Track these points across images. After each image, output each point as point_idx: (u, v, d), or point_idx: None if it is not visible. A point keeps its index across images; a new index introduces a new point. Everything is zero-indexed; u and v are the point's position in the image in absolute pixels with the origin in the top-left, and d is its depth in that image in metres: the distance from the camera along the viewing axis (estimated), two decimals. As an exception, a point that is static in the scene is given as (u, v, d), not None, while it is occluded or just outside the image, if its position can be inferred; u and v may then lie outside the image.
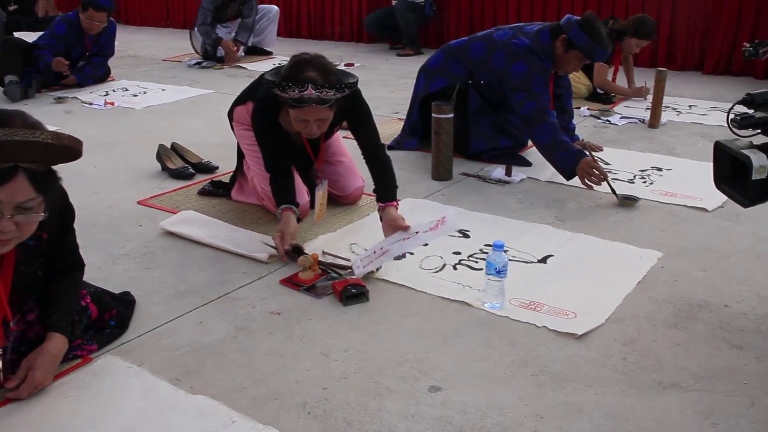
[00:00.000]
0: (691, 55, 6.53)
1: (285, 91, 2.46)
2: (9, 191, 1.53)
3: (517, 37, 3.56)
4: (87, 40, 5.56)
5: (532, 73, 3.46)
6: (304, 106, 2.49)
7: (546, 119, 3.41)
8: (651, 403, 1.80)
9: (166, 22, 9.84)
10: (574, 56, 3.48)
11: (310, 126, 2.58)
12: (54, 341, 1.85)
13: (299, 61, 2.53)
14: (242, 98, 3.04)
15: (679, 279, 2.46)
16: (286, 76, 2.49)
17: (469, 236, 2.81)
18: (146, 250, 2.71)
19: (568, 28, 3.43)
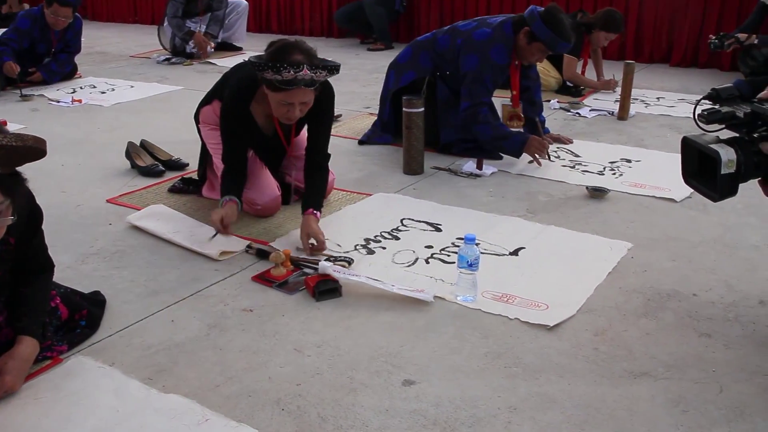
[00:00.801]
0: (659, 48, 6.60)
1: (279, 72, 2.44)
2: None
3: (479, 28, 3.61)
4: (52, 36, 5.48)
5: (481, 70, 3.54)
6: (292, 89, 2.49)
7: (479, 119, 3.55)
8: (622, 391, 1.83)
9: (134, 18, 9.72)
10: (537, 48, 3.54)
11: (294, 110, 2.58)
12: (25, 345, 1.83)
13: (284, 45, 2.54)
14: (208, 98, 3.04)
15: (649, 269, 2.49)
16: (277, 58, 2.47)
17: (441, 230, 2.82)
18: (116, 248, 2.68)
19: (531, 20, 3.48)
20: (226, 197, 2.68)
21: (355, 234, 2.77)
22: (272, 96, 2.58)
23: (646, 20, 6.58)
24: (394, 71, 3.91)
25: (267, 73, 2.47)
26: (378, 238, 2.74)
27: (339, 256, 2.55)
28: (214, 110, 2.95)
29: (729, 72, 6.05)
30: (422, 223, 2.88)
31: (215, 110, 2.94)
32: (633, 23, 6.58)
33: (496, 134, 3.56)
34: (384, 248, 2.64)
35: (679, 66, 6.42)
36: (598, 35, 5.02)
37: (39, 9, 5.38)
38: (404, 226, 2.86)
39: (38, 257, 1.98)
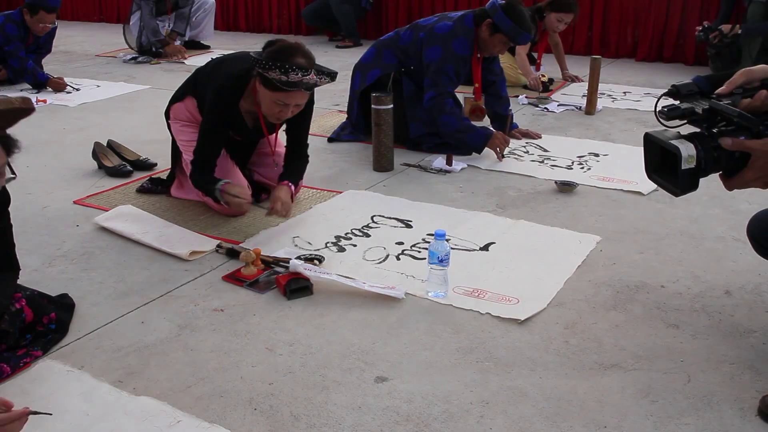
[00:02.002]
0: (624, 43, 6.68)
1: (286, 74, 2.47)
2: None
3: (441, 21, 3.66)
4: (29, 38, 5.41)
5: (444, 61, 3.57)
6: (292, 90, 2.54)
7: (446, 110, 3.58)
8: (592, 383, 1.85)
9: (99, 16, 9.60)
10: (499, 39, 3.59)
11: (287, 110, 2.64)
12: None
13: (288, 47, 2.57)
14: (180, 95, 3.02)
15: (618, 262, 2.52)
16: (283, 59, 2.49)
17: (412, 226, 2.82)
18: (84, 250, 2.65)
19: (493, 12, 3.54)
20: (219, 184, 2.72)
21: (326, 231, 2.76)
22: (268, 94, 2.60)
23: (612, 16, 6.65)
24: (359, 72, 3.91)
25: (272, 72, 2.49)
26: (349, 235, 2.74)
27: (310, 254, 2.54)
28: (186, 107, 2.95)
29: (693, 66, 6.14)
30: (393, 220, 2.88)
31: (187, 107, 2.94)
32: (599, 18, 6.66)
33: (461, 127, 3.59)
34: (355, 245, 2.64)
35: (645, 61, 6.50)
36: (550, 17, 4.96)
37: (17, 13, 5.29)
38: (375, 223, 2.86)
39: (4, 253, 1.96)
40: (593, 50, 6.56)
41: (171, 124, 3.06)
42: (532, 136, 4.00)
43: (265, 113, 2.73)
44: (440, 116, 3.59)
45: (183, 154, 3.01)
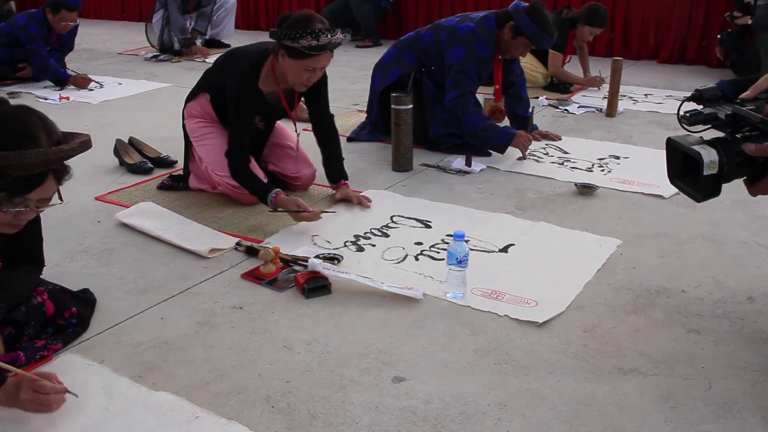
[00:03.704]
0: (646, 45, 6.63)
1: (317, 38, 2.57)
2: (40, 191, 1.69)
3: (463, 22, 3.65)
4: (52, 37, 5.46)
5: (466, 62, 3.56)
6: (320, 54, 2.66)
7: (470, 109, 3.56)
8: (611, 388, 1.83)
9: (122, 15, 9.67)
10: (521, 42, 3.58)
11: (315, 74, 2.75)
12: None
13: (304, 16, 2.68)
14: (193, 94, 3.11)
15: (638, 266, 2.50)
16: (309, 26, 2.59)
17: (431, 227, 2.82)
18: (105, 246, 2.67)
19: (516, 15, 3.52)
20: (274, 192, 2.77)
21: (345, 231, 2.76)
22: (296, 64, 2.68)
23: (634, 17, 6.60)
24: (380, 71, 3.91)
25: (303, 40, 2.57)
26: (368, 234, 2.73)
27: (328, 253, 2.54)
28: (199, 104, 3.04)
29: (716, 69, 6.08)
30: (412, 220, 2.88)
31: (200, 104, 3.03)
32: (621, 20, 6.61)
33: (484, 126, 3.57)
34: (374, 245, 2.64)
35: (667, 63, 6.44)
36: (583, 30, 5.03)
37: (40, 12, 5.34)
38: (394, 223, 2.86)
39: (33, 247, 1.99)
40: (614, 52, 6.51)
41: (186, 123, 3.12)
42: (551, 138, 3.99)
43: (293, 83, 2.80)
44: (464, 115, 3.56)
45: (196, 149, 3.08)
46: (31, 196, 1.69)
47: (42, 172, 1.66)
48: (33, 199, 1.70)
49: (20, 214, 1.72)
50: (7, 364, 1.83)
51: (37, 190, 1.68)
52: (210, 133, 3.03)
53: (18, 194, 1.66)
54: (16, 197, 1.66)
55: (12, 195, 1.65)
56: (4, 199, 1.65)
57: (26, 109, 1.72)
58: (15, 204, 1.68)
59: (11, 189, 1.64)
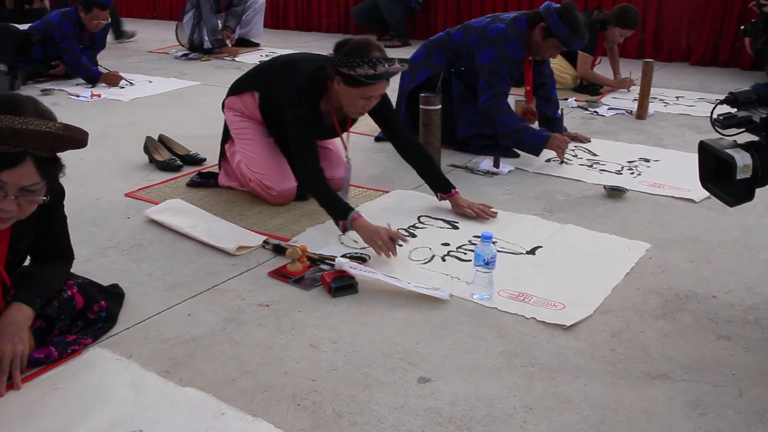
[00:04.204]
0: (678, 46, 6.55)
1: (374, 67, 2.54)
2: (16, 174, 1.58)
3: (493, 23, 3.63)
4: (85, 35, 5.53)
5: (498, 63, 3.54)
6: (376, 83, 2.63)
7: (504, 110, 3.54)
8: (639, 393, 1.81)
9: (153, 13, 9.77)
10: (552, 44, 3.56)
11: (371, 102, 2.73)
12: (9, 310, 1.83)
13: (362, 44, 2.65)
14: (238, 89, 3.09)
15: (667, 270, 2.47)
16: (366, 55, 2.56)
17: (458, 227, 2.81)
18: (134, 242, 2.70)
19: (547, 16, 3.50)
20: (351, 214, 2.57)
21: None
22: (352, 91, 2.66)
23: (666, 18, 6.53)
24: (408, 71, 3.90)
25: (359, 69, 2.54)
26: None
27: (355, 252, 2.54)
28: (242, 101, 3.05)
29: (750, 71, 5.99)
30: (439, 221, 2.87)
31: (244, 102, 3.04)
32: (652, 21, 6.54)
33: (519, 128, 3.55)
34: (400, 245, 2.63)
35: (699, 65, 6.36)
36: (613, 31, 4.98)
37: (73, 11, 5.41)
38: (421, 223, 2.85)
39: (59, 242, 2.01)
40: (646, 53, 6.44)
41: (225, 113, 3.15)
42: (581, 140, 3.96)
43: (348, 110, 2.78)
44: (498, 117, 3.53)
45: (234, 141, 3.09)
46: (4, 178, 1.58)
47: (19, 152, 1.56)
48: (10, 183, 1.59)
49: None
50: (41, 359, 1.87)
51: (11, 171, 1.57)
52: (246, 128, 3.05)
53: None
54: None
55: None
56: None
57: (27, 96, 1.67)
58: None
59: None
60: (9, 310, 1.83)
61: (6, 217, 1.68)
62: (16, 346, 1.78)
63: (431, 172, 2.97)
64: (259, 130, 3.04)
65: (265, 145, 3.02)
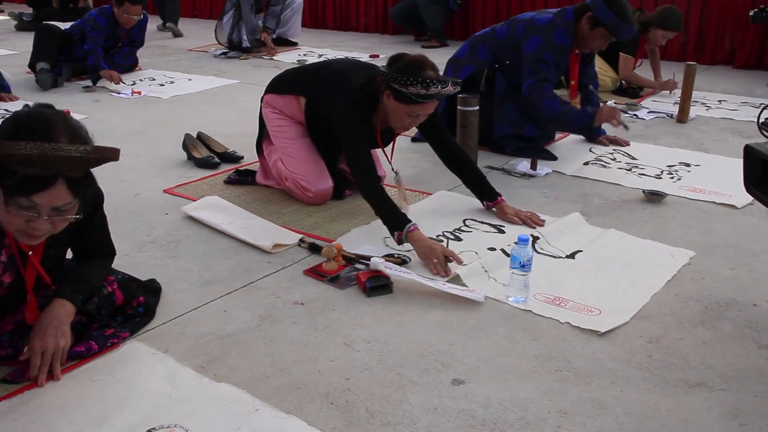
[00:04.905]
0: (721, 49, 6.43)
1: (426, 87, 2.53)
2: (48, 196, 1.60)
3: (540, 14, 3.64)
4: (121, 32, 5.61)
5: (543, 50, 3.52)
6: (427, 102, 2.61)
7: (546, 94, 3.51)
8: (676, 401, 1.79)
9: (192, 12, 9.88)
10: (599, 34, 3.54)
11: (418, 120, 2.72)
12: (52, 306, 1.86)
13: (416, 62, 2.63)
14: (281, 89, 3.08)
15: (707, 277, 2.43)
16: (418, 74, 2.55)
17: (504, 232, 2.78)
18: (172, 238, 2.73)
19: (594, 5, 3.48)
20: (410, 226, 2.51)
21: None
22: (401, 107, 2.65)
23: (709, 20, 6.41)
24: (452, 67, 3.90)
25: (412, 87, 2.54)
26: (440, 238, 2.71)
27: (396, 254, 2.53)
28: (285, 102, 3.05)
29: (795, 76, 5.87)
30: (485, 225, 2.85)
31: (286, 103, 3.04)
32: (695, 23, 6.42)
33: (564, 109, 3.53)
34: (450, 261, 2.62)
35: (743, 68, 6.23)
36: (656, 33, 4.90)
37: (110, 7, 5.51)
38: (467, 226, 2.83)
39: (100, 241, 2.04)
40: (688, 56, 6.33)
41: (263, 109, 3.15)
42: (619, 143, 3.91)
43: (394, 125, 2.78)
44: (540, 101, 3.51)
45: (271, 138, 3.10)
46: (37, 200, 1.59)
47: (50, 174, 1.57)
48: (42, 204, 1.60)
49: (31, 221, 1.62)
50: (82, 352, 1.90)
51: (43, 194, 1.58)
52: (285, 126, 3.05)
53: (21, 193, 1.56)
54: (20, 197, 1.57)
55: (13, 192, 1.57)
56: (7, 196, 1.57)
57: (61, 115, 1.66)
58: (20, 206, 1.59)
59: (16, 187, 1.56)
60: (52, 306, 1.86)
61: (39, 235, 1.69)
62: (59, 341, 1.81)
63: (478, 181, 2.95)
64: (297, 130, 3.05)
65: (303, 145, 3.03)
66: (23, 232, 1.67)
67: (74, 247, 2.00)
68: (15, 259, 1.81)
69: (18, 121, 1.61)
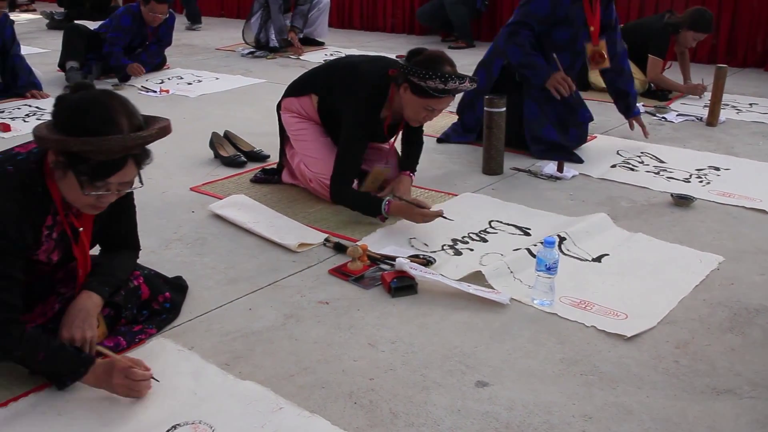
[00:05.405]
0: (753, 51, 6.33)
1: (445, 82, 2.57)
2: (120, 175, 1.73)
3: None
4: (147, 31, 5.66)
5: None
6: (443, 97, 2.67)
7: (517, 40, 3.56)
8: (704, 408, 1.76)
9: (220, 12, 9.94)
10: None
11: (433, 114, 2.77)
12: (79, 297, 1.89)
13: (434, 56, 2.69)
14: (296, 91, 3.10)
15: (736, 282, 2.40)
16: (436, 69, 2.59)
17: (530, 234, 2.76)
18: (198, 235, 2.75)
19: None
20: (384, 203, 2.73)
21: (443, 234, 2.73)
22: (417, 101, 2.69)
23: (741, 22, 6.31)
24: (484, 69, 3.85)
25: (430, 81, 2.58)
26: (465, 239, 2.71)
27: (422, 255, 2.53)
28: (300, 103, 3.06)
29: (828, 80, 5.77)
30: (511, 227, 2.83)
31: (302, 104, 3.05)
32: (726, 24, 6.33)
33: (524, 62, 3.57)
34: (472, 250, 2.61)
35: (775, 71, 6.15)
36: (686, 35, 4.83)
37: (137, 5, 5.56)
38: (492, 228, 2.82)
39: (127, 234, 2.07)
40: (718, 59, 6.24)
41: (282, 114, 3.16)
42: (644, 132, 3.89)
43: (408, 117, 2.81)
44: (507, 45, 3.59)
45: (291, 142, 3.12)
46: (111, 180, 1.72)
47: (122, 157, 1.69)
48: (114, 182, 1.73)
49: (102, 197, 1.76)
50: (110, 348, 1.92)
51: (117, 175, 1.71)
52: (304, 129, 3.07)
53: (99, 178, 1.70)
54: (98, 181, 1.70)
55: (93, 179, 1.69)
56: (86, 182, 1.69)
57: (109, 94, 1.76)
58: (97, 187, 1.71)
59: (93, 173, 1.68)
60: (79, 298, 1.89)
61: (105, 206, 1.81)
62: (86, 333, 1.83)
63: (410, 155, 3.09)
64: (316, 130, 3.06)
65: (323, 145, 3.03)
66: (92, 206, 1.78)
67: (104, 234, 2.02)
68: (66, 236, 1.86)
69: (80, 113, 1.67)
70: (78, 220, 1.87)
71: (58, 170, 1.71)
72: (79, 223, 1.87)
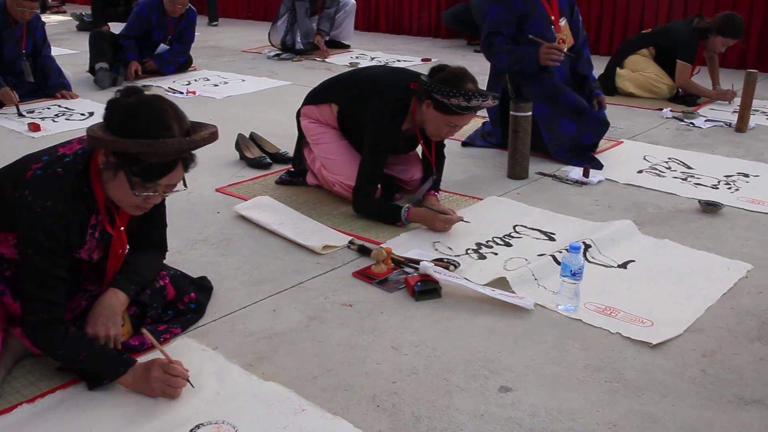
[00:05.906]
0: (784, 57, 6.25)
1: (468, 100, 2.61)
2: (169, 177, 1.78)
3: None
4: (169, 24, 5.70)
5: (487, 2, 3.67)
6: (466, 114, 2.70)
7: (494, 50, 3.65)
8: (731, 418, 1.74)
9: (247, 14, 10.01)
10: None
11: (455, 130, 2.80)
12: (105, 295, 1.91)
13: (457, 74, 2.70)
14: (316, 99, 3.12)
15: (765, 291, 2.36)
16: (459, 86, 2.62)
17: (555, 239, 2.75)
18: (223, 236, 2.77)
19: None
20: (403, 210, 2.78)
21: (467, 238, 2.72)
22: (440, 117, 2.71)
23: (772, 27, 6.23)
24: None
25: (454, 98, 2.61)
26: (490, 243, 2.70)
27: (446, 258, 2.53)
28: (320, 112, 3.07)
29: None
30: (535, 231, 2.82)
31: (322, 112, 3.07)
32: (757, 29, 6.25)
33: (512, 60, 3.60)
34: (496, 254, 2.60)
35: (807, 77, 6.06)
36: (715, 40, 4.78)
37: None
38: (517, 233, 2.81)
39: (157, 234, 2.10)
40: (748, 64, 6.17)
41: (301, 120, 3.18)
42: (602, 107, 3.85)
43: (430, 132, 2.83)
44: (491, 58, 3.68)
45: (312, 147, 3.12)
46: (161, 182, 1.77)
47: (174, 159, 1.74)
48: (162, 184, 1.78)
49: (149, 198, 1.81)
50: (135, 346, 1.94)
51: (167, 177, 1.76)
52: (323, 133, 3.07)
53: (150, 179, 1.74)
54: (149, 182, 1.75)
55: (145, 180, 1.74)
56: (137, 183, 1.74)
57: (160, 99, 1.80)
58: (147, 188, 1.76)
59: (145, 174, 1.73)
60: (105, 295, 1.91)
61: (148, 207, 1.87)
62: (110, 330, 1.85)
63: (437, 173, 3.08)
64: (335, 134, 3.07)
65: (342, 147, 3.04)
66: (138, 206, 1.84)
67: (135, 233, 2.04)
68: (107, 235, 1.90)
69: (134, 116, 1.71)
70: (118, 219, 1.91)
71: (108, 171, 1.76)
72: (120, 222, 1.92)
